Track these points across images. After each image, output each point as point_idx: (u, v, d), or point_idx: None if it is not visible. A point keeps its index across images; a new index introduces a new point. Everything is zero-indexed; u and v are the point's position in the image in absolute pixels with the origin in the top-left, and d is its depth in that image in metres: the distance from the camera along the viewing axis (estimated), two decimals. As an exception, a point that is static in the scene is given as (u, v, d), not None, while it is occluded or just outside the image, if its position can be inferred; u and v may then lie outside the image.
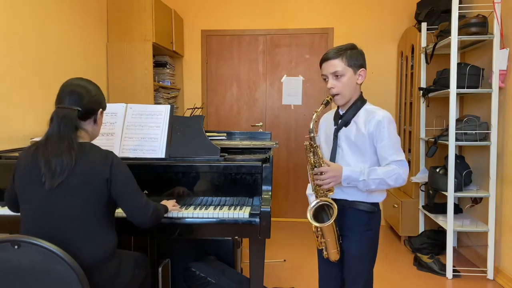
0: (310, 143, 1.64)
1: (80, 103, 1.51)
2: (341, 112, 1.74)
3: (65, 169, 1.40)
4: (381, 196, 1.73)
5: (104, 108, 1.64)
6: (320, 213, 1.67)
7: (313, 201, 1.66)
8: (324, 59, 1.67)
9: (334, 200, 1.66)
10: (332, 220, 1.61)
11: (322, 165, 1.63)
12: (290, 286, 2.81)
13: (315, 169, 1.63)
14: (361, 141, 1.66)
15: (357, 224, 1.70)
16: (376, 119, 1.63)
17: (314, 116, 1.63)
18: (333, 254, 1.71)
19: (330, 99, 1.67)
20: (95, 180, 1.45)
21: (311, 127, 1.63)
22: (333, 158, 1.71)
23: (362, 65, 1.68)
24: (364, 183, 1.59)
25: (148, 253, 2.07)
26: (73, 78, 1.61)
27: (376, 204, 1.73)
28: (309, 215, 1.64)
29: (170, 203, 1.78)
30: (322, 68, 1.69)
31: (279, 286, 2.81)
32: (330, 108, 1.88)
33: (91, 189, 1.45)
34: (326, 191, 1.65)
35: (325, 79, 1.69)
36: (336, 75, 1.64)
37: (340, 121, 1.72)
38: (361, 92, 1.74)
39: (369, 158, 1.66)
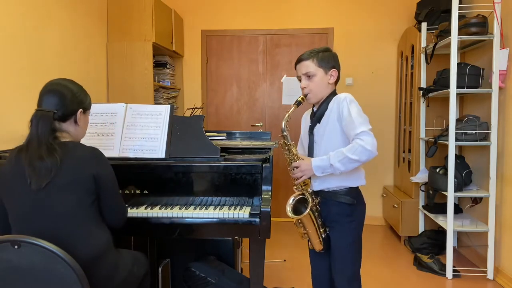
0: (284, 141, 1.77)
1: (57, 105, 1.49)
2: (315, 110, 1.85)
3: (50, 170, 1.39)
4: (357, 180, 1.78)
5: (85, 109, 1.60)
6: (300, 206, 1.77)
7: (291, 197, 1.77)
8: (298, 60, 1.81)
9: (316, 191, 1.79)
10: (307, 212, 1.70)
11: (297, 160, 1.74)
12: (290, 286, 2.81)
13: (290, 165, 1.76)
14: (335, 131, 1.74)
15: (340, 215, 1.78)
16: (337, 101, 1.73)
17: (286, 116, 1.75)
18: (317, 244, 1.82)
19: (302, 99, 1.78)
20: (83, 176, 1.44)
21: (283, 126, 1.75)
22: (311, 154, 1.82)
23: (334, 66, 1.79)
24: (332, 167, 1.65)
25: (148, 253, 2.07)
26: (54, 78, 1.59)
27: (356, 194, 1.80)
28: (288, 209, 1.75)
29: None
30: (296, 69, 1.83)
31: (279, 286, 2.81)
32: (309, 107, 1.96)
33: (80, 185, 1.44)
34: (304, 185, 1.76)
35: (299, 80, 1.82)
36: (308, 76, 1.77)
37: (314, 118, 1.83)
38: (334, 90, 1.83)
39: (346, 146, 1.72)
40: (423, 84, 3.58)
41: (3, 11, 2.40)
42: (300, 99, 1.77)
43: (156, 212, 1.79)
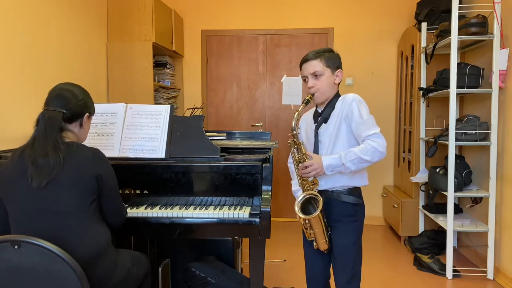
0: (293, 140, 1.77)
1: (66, 106, 1.55)
2: (319, 111, 1.86)
3: (53, 168, 1.41)
4: (362, 180, 1.82)
5: (91, 113, 1.68)
6: (307, 206, 1.76)
7: (300, 195, 1.76)
8: (304, 60, 1.81)
9: (320, 191, 1.78)
10: (318, 211, 1.70)
11: (306, 159, 1.74)
12: (290, 286, 2.81)
13: (299, 164, 1.75)
14: (341, 131, 1.76)
15: (344, 215, 1.80)
16: (347, 101, 1.75)
17: (295, 115, 1.75)
18: (322, 244, 1.81)
19: (310, 98, 1.80)
20: (86, 176, 1.47)
21: (293, 125, 1.75)
22: (316, 153, 1.82)
23: (339, 66, 1.82)
24: (344, 166, 1.68)
25: (148, 253, 2.07)
26: (62, 83, 1.64)
27: (359, 195, 1.83)
28: (296, 208, 1.73)
29: None
30: (302, 69, 1.83)
31: (279, 286, 2.81)
32: (309, 107, 1.97)
33: (82, 184, 1.46)
34: (312, 185, 1.76)
35: (305, 80, 1.83)
36: (316, 75, 1.78)
37: (319, 118, 1.83)
38: (338, 90, 1.85)
39: (350, 147, 1.74)
40: (423, 84, 3.58)
41: (3, 11, 2.40)
42: (308, 98, 1.79)
43: (156, 212, 1.79)
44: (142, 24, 3.61)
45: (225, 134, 2.52)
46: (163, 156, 1.94)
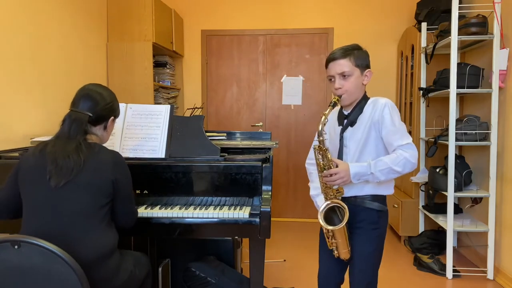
0: (319, 146, 1.63)
1: (92, 109, 1.56)
2: (345, 113, 1.74)
3: (72, 169, 1.43)
4: (388, 189, 1.73)
5: (116, 116, 1.69)
6: (330, 214, 1.68)
7: (323, 204, 1.66)
8: (331, 59, 1.66)
9: (344, 198, 1.67)
10: (344, 223, 1.61)
11: (332, 166, 1.62)
12: (290, 286, 2.81)
13: (324, 171, 1.62)
14: (369, 137, 1.66)
15: (366, 222, 1.71)
16: (379, 107, 1.64)
17: (322, 119, 1.60)
18: (344, 254, 1.73)
19: (337, 100, 1.66)
20: (103, 179, 1.48)
21: (320, 129, 1.60)
22: (340, 158, 1.71)
23: (368, 65, 1.70)
24: (373, 176, 1.59)
25: (148, 253, 2.07)
26: (91, 83, 1.65)
27: (384, 201, 1.74)
28: (320, 218, 1.64)
29: None
30: (328, 69, 1.69)
31: (279, 286, 2.81)
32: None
33: (98, 187, 1.47)
34: (337, 193, 1.65)
35: (331, 80, 1.70)
36: (344, 75, 1.65)
37: (345, 121, 1.72)
38: (365, 92, 1.75)
39: (378, 154, 1.65)
40: (423, 84, 3.58)
41: (3, 11, 2.40)
42: (335, 100, 1.66)
43: (156, 212, 1.79)
44: (142, 24, 3.61)
45: (225, 134, 2.53)
46: (163, 156, 1.94)
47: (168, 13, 4.01)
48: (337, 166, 1.61)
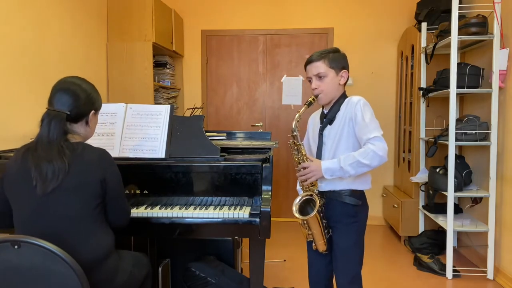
0: (293, 141, 1.77)
1: (70, 105, 1.47)
2: (325, 112, 1.85)
3: (58, 174, 1.37)
4: (364, 184, 1.80)
5: (97, 109, 1.60)
6: (306, 206, 1.77)
7: (298, 197, 1.78)
8: (308, 61, 1.79)
9: (322, 192, 1.79)
10: (314, 213, 1.70)
11: (306, 161, 1.74)
12: (290, 286, 2.81)
13: (298, 165, 1.76)
14: (345, 134, 1.75)
15: (344, 216, 1.79)
16: (351, 104, 1.74)
17: (296, 116, 1.76)
18: (321, 246, 1.83)
19: (313, 99, 1.79)
20: (91, 180, 1.43)
21: (293, 126, 1.76)
22: (319, 155, 1.81)
23: (344, 67, 1.80)
24: (342, 170, 1.66)
25: (148, 253, 2.07)
26: (67, 76, 1.56)
27: (361, 196, 1.81)
28: (294, 209, 1.74)
29: None
30: (306, 71, 1.82)
31: (279, 286, 2.81)
32: (317, 108, 1.97)
33: (87, 189, 1.43)
34: (311, 186, 1.76)
35: (309, 81, 1.82)
36: (319, 76, 1.77)
37: (324, 120, 1.82)
38: (344, 91, 1.83)
39: (353, 151, 1.72)
40: (423, 84, 3.58)
41: (3, 11, 2.40)
42: (311, 99, 1.78)
43: (156, 212, 1.79)
44: (142, 24, 3.61)
45: (225, 134, 2.53)
46: (163, 156, 1.94)
47: (168, 13, 4.01)
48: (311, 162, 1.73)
